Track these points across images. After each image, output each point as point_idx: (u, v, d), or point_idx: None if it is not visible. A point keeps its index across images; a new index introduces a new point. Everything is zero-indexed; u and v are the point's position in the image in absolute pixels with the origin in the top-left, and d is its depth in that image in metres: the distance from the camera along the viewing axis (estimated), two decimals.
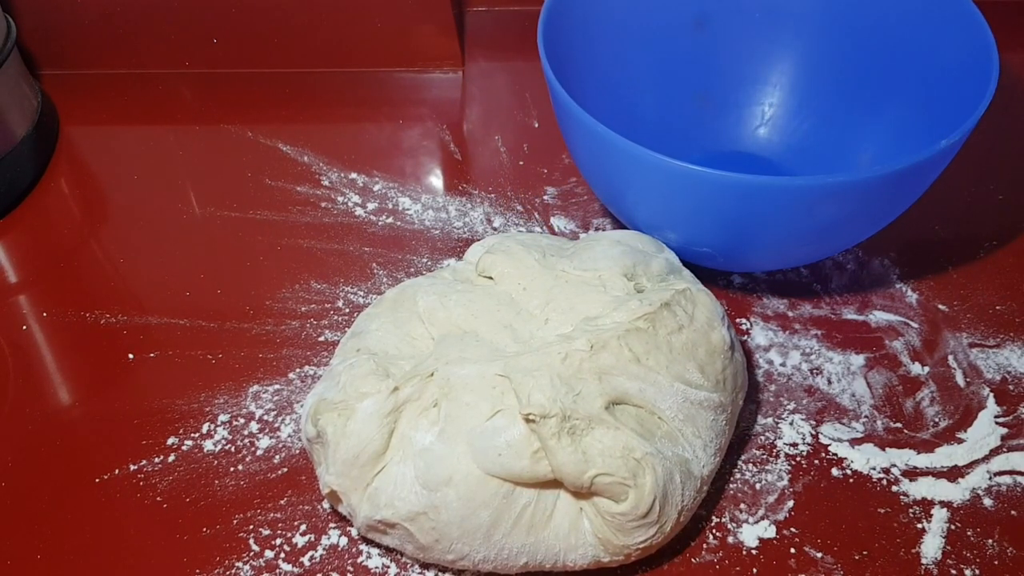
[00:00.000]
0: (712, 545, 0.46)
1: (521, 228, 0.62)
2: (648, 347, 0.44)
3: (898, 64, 0.58)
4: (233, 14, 0.72)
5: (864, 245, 0.59)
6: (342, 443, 0.43)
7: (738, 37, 0.63)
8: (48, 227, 0.64)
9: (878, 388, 0.52)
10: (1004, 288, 0.58)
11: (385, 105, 0.73)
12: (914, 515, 0.47)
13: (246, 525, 0.47)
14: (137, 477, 0.49)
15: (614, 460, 0.41)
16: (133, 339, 0.56)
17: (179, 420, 0.51)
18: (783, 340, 0.55)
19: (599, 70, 0.61)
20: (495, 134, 0.70)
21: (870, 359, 0.54)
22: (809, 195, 0.47)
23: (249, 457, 0.50)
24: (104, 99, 0.74)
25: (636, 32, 0.62)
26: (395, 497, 0.42)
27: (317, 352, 0.55)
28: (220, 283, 0.59)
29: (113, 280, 0.60)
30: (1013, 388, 0.52)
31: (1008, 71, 0.56)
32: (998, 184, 0.64)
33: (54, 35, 0.73)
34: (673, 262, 0.51)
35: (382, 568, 0.45)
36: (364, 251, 0.61)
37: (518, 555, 0.42)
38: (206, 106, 0.73)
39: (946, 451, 0.49)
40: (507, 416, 0.42)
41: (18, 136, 0.65)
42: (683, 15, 0.63)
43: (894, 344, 0.55)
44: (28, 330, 0.57)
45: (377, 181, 0.66)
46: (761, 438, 0.50)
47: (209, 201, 0.64)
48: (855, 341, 0.55)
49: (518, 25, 0.77)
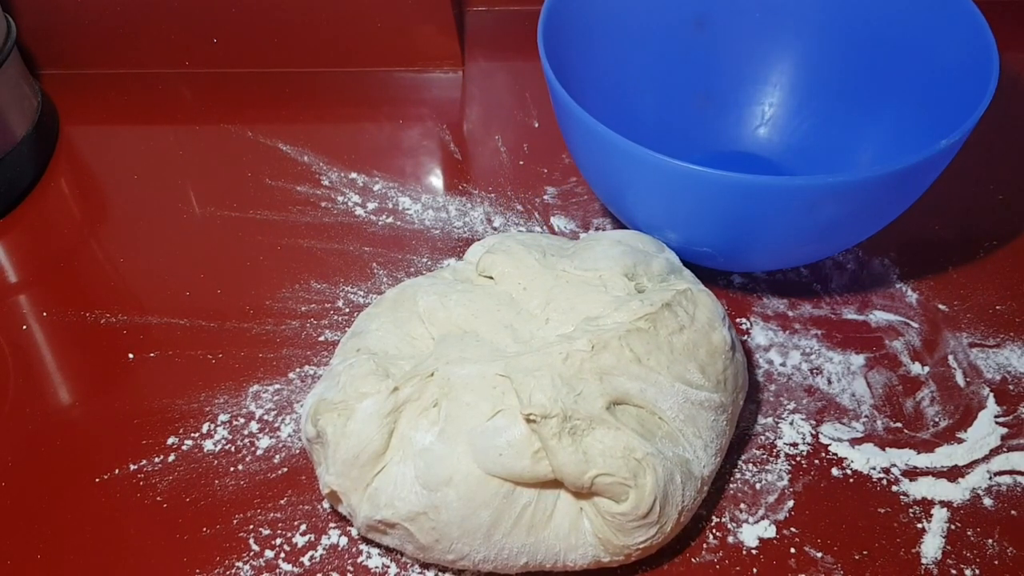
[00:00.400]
0: (712, 545, 0.46)
1: (521, 228, 0.62)
2: (649, 347, 0.44)
3: (898, 64, 0.58)
4: (233, 14, 0.72)
5: (864, 245, 0.60)
6: (342, 443, 0.43)
7: (738, 37, 0.63)
8: (48, 227, 0.64)
9: (878, 388, 0.52)
10: (1004, 288, 0.58)
11: (385, 105, 0.73)
12: (914, 515, 0.47)
13: (246, 525, 0.47)
14: (137, 477, 0.49)
15: (615, 460, 0.41)
16: (133, 339, 0.56)
17: (179, 420, 0.51)
18: (783, 340, 0.55)
19: (599, 70, 0.61)
20: (495, 134, 0.70)
21: (870, 359, 0.54)
22: (809, 195, 0.47)
23: (249, 457, 0.50)
24: (104, 99, 0.74)
25: (636, 32, 0.62)
26: (395, 497, 0.42)
27: (317, 352, 0.55)
28: (220, 283, 0.59)
29: (113, 280, 0.60)
30: (1013, 388, 0.52)
31: (1008, 71, 0.56)
32: (998, 184, 0.64)
33: (54, 35, 0.73)
34: (674, 262, 0.51)
35: (382, 568, 0.45)
36: (364, 251, 0.61)
37: (518, 555, 0.42)
38: (206, 106, 0.73)
39: (946, 451, 0.49)
40: (508, 416, 0.42)
41: (18, 136, 0.65)
42: (683, 15, 0.63)
43: (894, 344, 0.55)
44: (28, 330, 0.57)
45: (377, 181, 0.66)
46: (761, 438, 0.50)
47: (209, 201, 0.64)
48: (855, 341, 0.55)
49: (518, 25, 0.77)
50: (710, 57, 0.64)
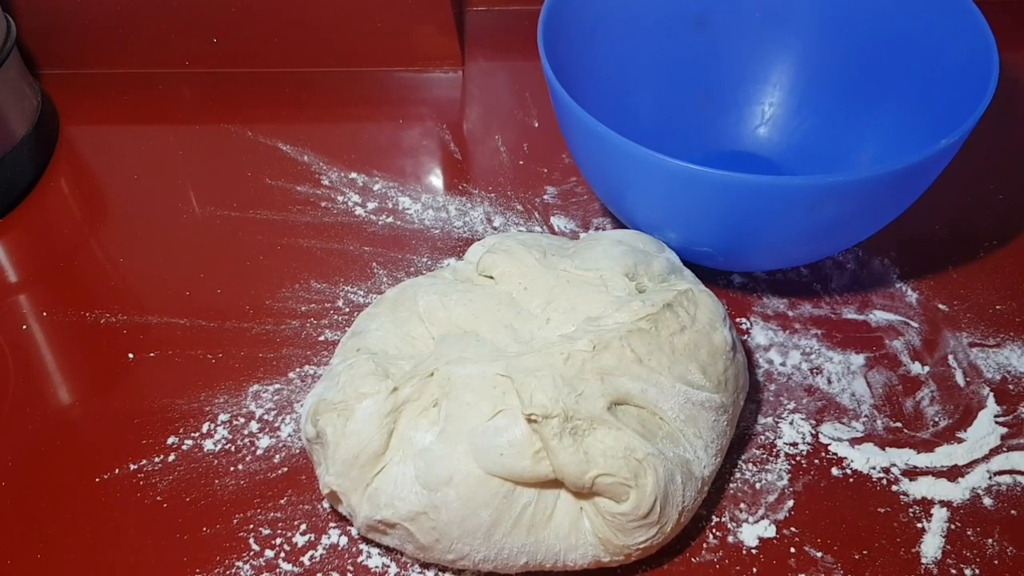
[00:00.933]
0: (712, 545, 0.46)
1: (521, 228, 0.62)
2: (650, 348, 0.44)
3: (898, 64, 0.58)
4: (233, 14, 0.72)
5: (864, 245, 0.60)
6: (341, 443, 0.43)
7: (738, 37, 0.63)
8: (48, 227, 0.64)
9: (878, 388, 0.53)
10: (1004, 288, 0.58)
11: (385, 105, 0.73)
12: (914, 514, 0.47)
13: (246, 524, 0.47)
14: (137, 477, 0.49)
15: (616, 461, 0.41)
16: (133, 339, 0.56)
17: (179, 419, 0.51)
18: (783, 340, 0.55)
19: (599, 70, 0.61)
20: (495, 134, 0.70)
21: (870, 359, 0.54)
22: (809, 195, 0.47)
23: (249, 457, 0.50)
24: (104, 99, 0.74)
25: (636, 32, 0.62)
26: (395, 497, 0.42)
27: (317, 352, 0.55)
28: (220, 283, 0.59)
29: (113, 280, 0.60)
30: (1013, 388, 0.52)
31: (1008, 71, 0.56)
32: (998, 184, 0.64)
33: (54, 35, 0.73)
34: (674, 262, 0.51)
35: (382, 567, 0.45)
36: (364, 251, 0.61)
37: (518, 555, 0.42)
38: (206, 106, 0.73)
39: (946, 451, 0.49)
40: (509, 416, 0.42)
41: (18, 136, 0.65)
42: (683, 15, 0.63)
43: (894, 344, 0.55)
44: (28, 330, 0.57)
45: (377, 181, 0.66)
46: (761, 438, 0.50)
47: (209, 201, 0.64)
48: (855, 341, 0.55)
49: (518, 25, 0.77)
50: (710, 57, 0.64)
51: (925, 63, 0.57)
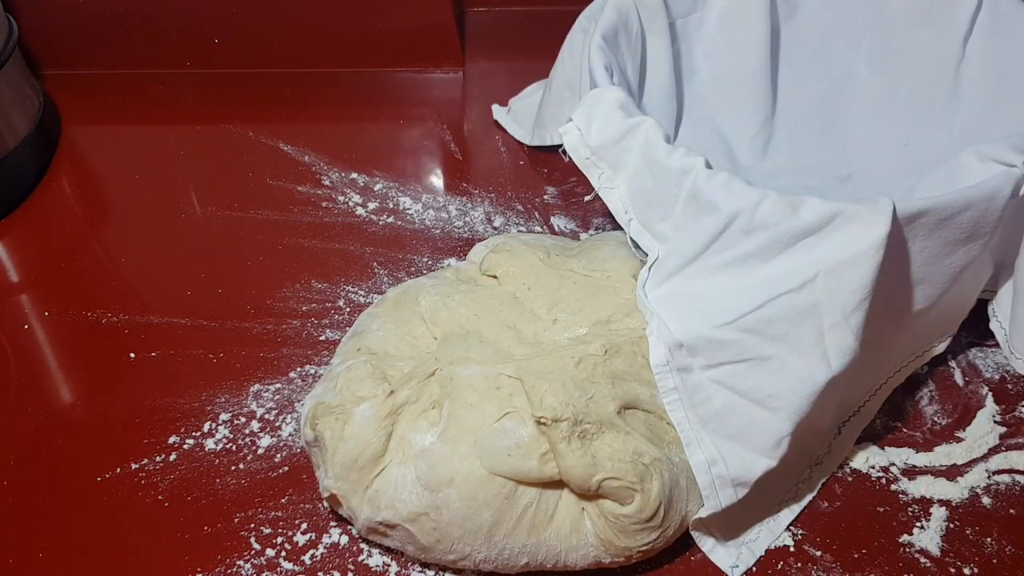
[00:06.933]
0: None
1: (521, 228, 0.62)
2: None
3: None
4: (233, 14, 0.73)
5: None
6: (340, 447, 0.43)
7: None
8: (50, 226, 0.64)
9: None
10: None
11: (386, 105, 0.73)
12: (913, 513, 0.47)
13: (247, 524, 0.47)
14: (139, 476, 0.49)
15: (623, 464, 0.41)
16: (134, 338, 0.56)
17: (180, 419, 0.51)
18: None
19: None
20: (495, 134, 0.70)
21: None
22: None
23: (250, 456, 0.50)
24: (105, 99, 0.74)
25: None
26: (395, 498, 0.42)
27: (318, 351, 0.55)
28: (221, 282, 0.59)
29: (114, 279, 0.60)
30: (1012, 387, 0.52)
31: None
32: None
33: (56, 35, 0.74)
34: None
35: (383, 566, 0.45)
36: (365, 251, 0.61)
37: (519, 555, 0.42)
38: (207, 106, 0.73)
39: (945, 450, 0.49)
40: (516, 417, 0.42)
41: (20, 136, 0.65)
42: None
43: None
44: (30, 329, 0.57)
45: (378, 181, 0.66)
46: None
47: (210, 201, 0.65)
48: None
49: (518, 25, 0.77)
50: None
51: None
